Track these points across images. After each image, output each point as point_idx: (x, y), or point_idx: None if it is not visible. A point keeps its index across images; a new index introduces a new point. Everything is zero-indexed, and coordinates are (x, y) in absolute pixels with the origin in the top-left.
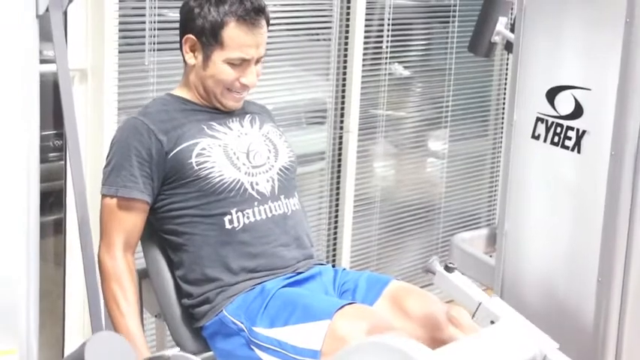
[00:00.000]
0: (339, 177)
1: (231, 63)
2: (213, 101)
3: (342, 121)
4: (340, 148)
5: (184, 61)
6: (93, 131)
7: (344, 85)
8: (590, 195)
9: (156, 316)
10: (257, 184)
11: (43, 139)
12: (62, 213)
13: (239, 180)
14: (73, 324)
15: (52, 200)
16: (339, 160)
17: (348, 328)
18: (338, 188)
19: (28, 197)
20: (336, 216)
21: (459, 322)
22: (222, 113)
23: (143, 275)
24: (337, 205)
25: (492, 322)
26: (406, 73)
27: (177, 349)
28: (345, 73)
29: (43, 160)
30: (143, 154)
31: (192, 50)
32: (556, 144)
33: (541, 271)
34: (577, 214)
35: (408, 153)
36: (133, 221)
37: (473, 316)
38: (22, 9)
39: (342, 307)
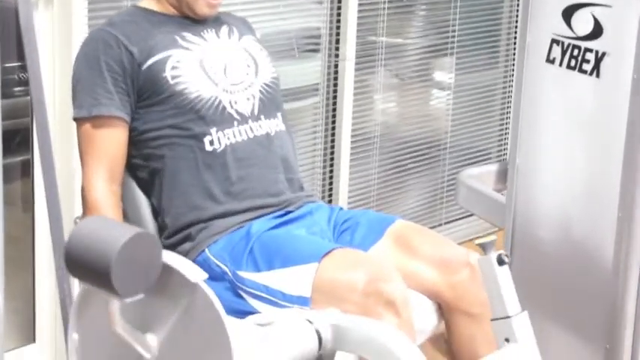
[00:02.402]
0: (334, 112)
1: None
2: (184, 9)
3: (337, 49)
4: (336, 79)
5: None
6: (61, 62)
7: (339, 9)
8: (610, 123)
9: None
10: (236, 102)
11: (5, 71)
12: (29, 153)
13: (217, 97)
14: (43, 272)
15: (18, 139)
16: (335, 93)
17: (337, 275)
18: (334, 124)
19: None
20: (332, 154)
21: (475, 272)
22: (195, 23)
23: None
24: (333, 142)
25: (507, 340)
26: None
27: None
28: None
29: (7, 95)
30: (115, 67)
31: None
32: (573, 68)
33: (556, 208)
34: (595, 145)
35: (410, 84)
36: (115, 144)
37: (493, 320)
38: None
39: (331, 251)
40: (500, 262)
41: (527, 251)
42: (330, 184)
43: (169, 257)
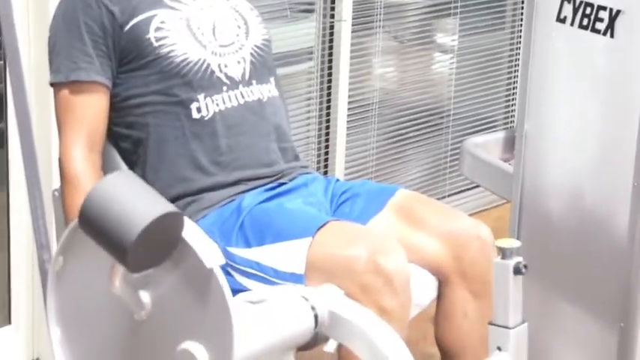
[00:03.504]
0: (329, 77)
1: None
2: None
3: (332, 9)
4: (331, 42)
5: None
6: (37, 22)
7: None
8: (625, 86)
9: None
10: (226, 66)
11: None
12: (3, 122)
13: (205, 60)
14: (19, 251)
15: None
16: (330, 57)
17: (333, 250)
18: (329, 90)
19: None
20: (327, 122)
21: (486, 245)
22: None
23: None
24: (328, 110)
25: (499, 349)
26: None
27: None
28: None
29: None
30: (95, 29)
31: None
32: (585, 27)
33: (567, 178)
34: (609, 110)
35: (410, 47)
36: (95, 111)
37: (491, 324)
38: None
39: (325, 224)
40: (517, 271)
41: (537, 224)
42: (326, 154)
43: (189, 234)
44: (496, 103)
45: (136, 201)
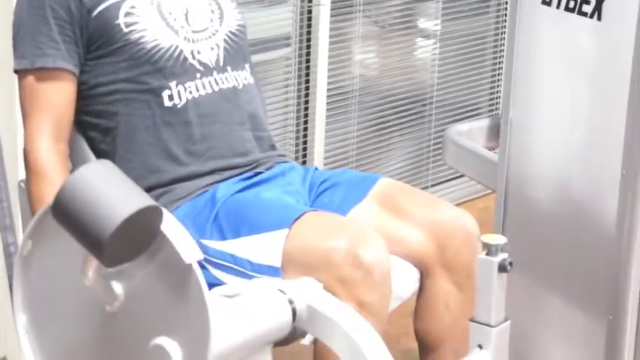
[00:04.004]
0: (308, 64)
1: None
2: None
3: None
4: (309, 28)
5: None
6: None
7: None
8: (614, 71)
9: None
10: (199, 52)
11: None
12: None
13: (177, 46)
14: None
15: None
16: (308, 43)
17: (310, 242)
18: (307, 77)
19: None
20: (306, 110)
21: (471, 236)
22: None
23: None
24: (307, 98)
25: (479, 347)
26: None
27: None
28: None
29: None
30: (61, 13)
31: None
32: (572, 10)
33: (554, 167)
34: (597, 95)
35: (392, 32)
36: (61, 99)
37: (473, 321)
38: None
39: (302, 215)
40: (502, 268)
41: (522, 214)
42: (304, 143)
43: (168, 228)
44: (480, 89)
45: (113, 193)
